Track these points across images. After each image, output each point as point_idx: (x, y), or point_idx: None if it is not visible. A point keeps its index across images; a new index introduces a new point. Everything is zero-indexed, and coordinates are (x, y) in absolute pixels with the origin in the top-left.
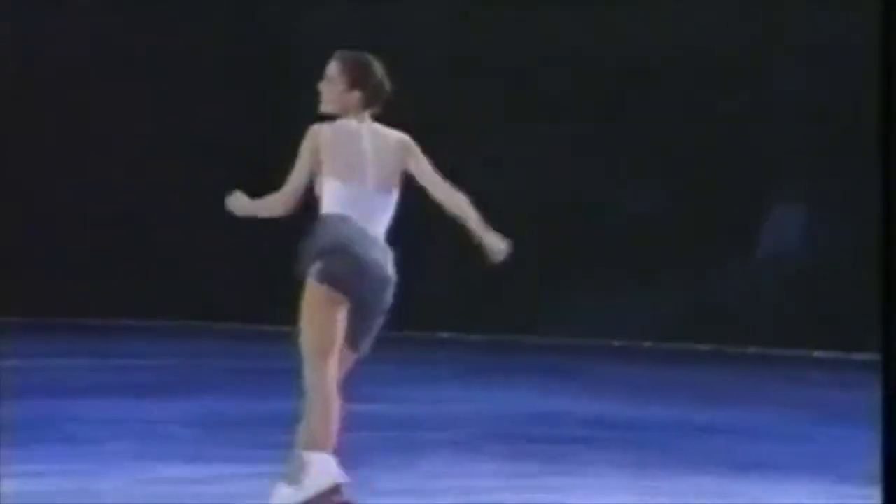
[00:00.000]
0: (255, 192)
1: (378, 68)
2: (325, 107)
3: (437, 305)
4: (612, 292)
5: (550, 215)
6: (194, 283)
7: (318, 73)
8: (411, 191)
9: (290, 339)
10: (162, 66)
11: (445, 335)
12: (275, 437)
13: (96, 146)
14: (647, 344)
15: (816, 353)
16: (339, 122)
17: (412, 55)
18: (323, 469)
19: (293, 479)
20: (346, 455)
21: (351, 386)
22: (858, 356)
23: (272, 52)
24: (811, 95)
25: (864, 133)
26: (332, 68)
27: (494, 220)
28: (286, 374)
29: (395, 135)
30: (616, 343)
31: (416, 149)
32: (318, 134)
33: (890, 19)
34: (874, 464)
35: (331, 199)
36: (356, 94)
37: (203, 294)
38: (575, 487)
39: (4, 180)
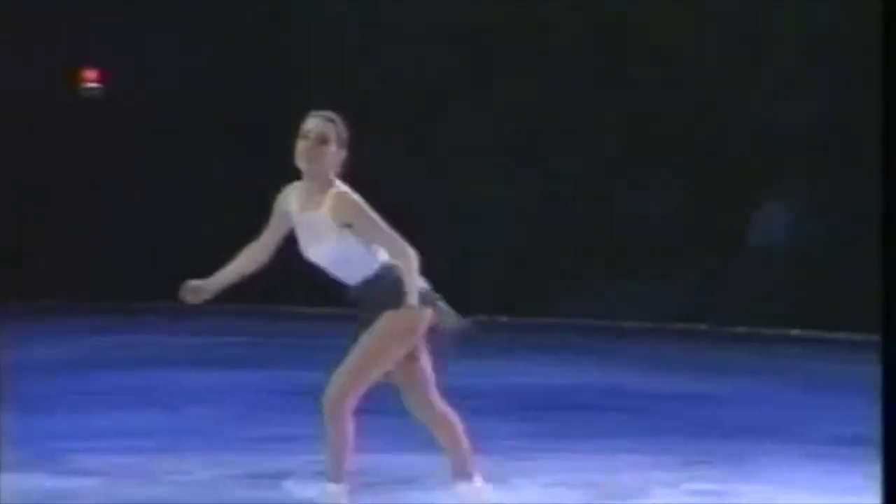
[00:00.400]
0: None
1: None
2: (317, 168)
3: (475, 293)
4: (622, 280)
5: (572, 215)
6: (266, 271)
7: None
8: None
9: (343, 321)
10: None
11: (481, 318)
12: None
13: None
14: (650, 325)
15: (810, 333)
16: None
17: (412, 54)
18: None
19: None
20: (398, 417)
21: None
22: (852, 336)
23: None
24: (811, 91)
25: (862, 122)
26: (325, 127)
27: (517, 218)
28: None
29: None
30: (625, 324)
31: None
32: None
33: (890, 18)
34: (850, 428)
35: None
36: (343, 154)
37: (273, 281)
38: (589, 450)
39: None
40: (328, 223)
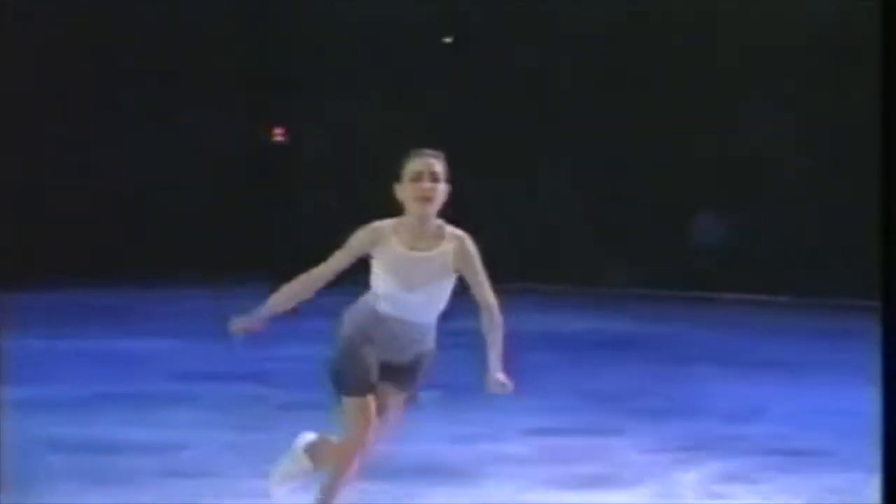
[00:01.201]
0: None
1: None
2: (433, 208)
3: (513, 264)
4: (630, 256)
5: (601, 207)
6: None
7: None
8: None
9: None
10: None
11: (517, 284)
12: None
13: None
14: (637, 291)
15: (789, 298)
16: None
17: (420, 68)
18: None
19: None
20: (465, 354)
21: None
22: (852, 302)
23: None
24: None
25: (861, 121)
26: (436, 166)
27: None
28: None
29: None
30: (627, 291)
31: None
32: None
33: (890, 18)
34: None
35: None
36: (448, 189)
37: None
38: (605, 371)
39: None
40: (445, 265)
